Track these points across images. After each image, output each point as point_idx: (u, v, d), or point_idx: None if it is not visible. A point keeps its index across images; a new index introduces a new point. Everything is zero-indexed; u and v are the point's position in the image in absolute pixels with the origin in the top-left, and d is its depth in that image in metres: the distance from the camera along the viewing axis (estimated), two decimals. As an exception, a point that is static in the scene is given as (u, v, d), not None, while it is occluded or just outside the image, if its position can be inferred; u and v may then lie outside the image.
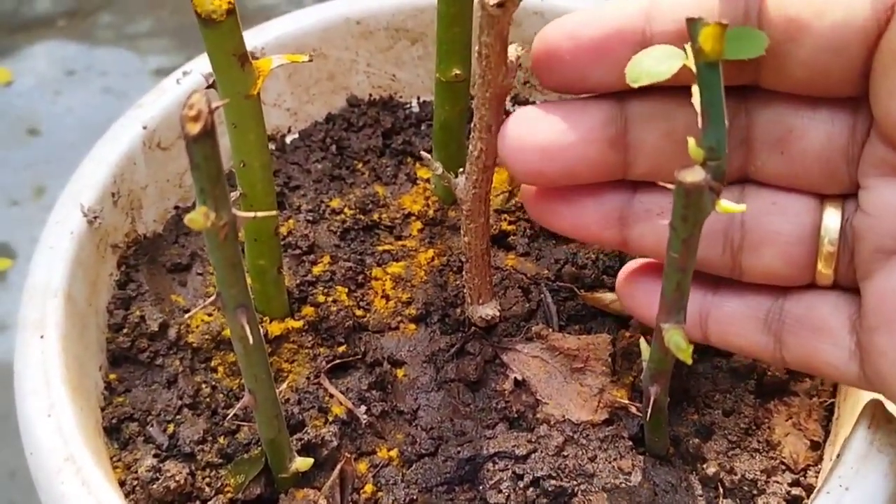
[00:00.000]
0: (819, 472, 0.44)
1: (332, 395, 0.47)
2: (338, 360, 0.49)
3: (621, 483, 0.43)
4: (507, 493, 0.43)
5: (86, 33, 1.09)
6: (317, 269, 0.52)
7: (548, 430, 0.45)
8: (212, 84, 0.40)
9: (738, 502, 0.43)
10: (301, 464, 0.42)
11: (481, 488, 0.44)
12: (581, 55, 0.38)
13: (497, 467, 0.44)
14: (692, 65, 0.32)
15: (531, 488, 0.43)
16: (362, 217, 0.55)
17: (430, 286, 0.52)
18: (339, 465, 0.43)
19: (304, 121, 0.62)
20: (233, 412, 0.41)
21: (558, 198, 0.41)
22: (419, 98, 0.63)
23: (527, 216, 0.55)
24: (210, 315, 0.50)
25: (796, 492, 0.43)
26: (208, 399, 0.48)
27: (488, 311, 0.48)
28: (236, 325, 0.35)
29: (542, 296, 0.51)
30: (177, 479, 0.43)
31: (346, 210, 0.55)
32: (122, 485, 0.44)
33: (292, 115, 0.62)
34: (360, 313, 0.50)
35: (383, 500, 0.43)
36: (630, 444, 0.45)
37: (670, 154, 0.39)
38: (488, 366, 0.48)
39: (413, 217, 0.55)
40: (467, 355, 0.48)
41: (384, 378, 0.48)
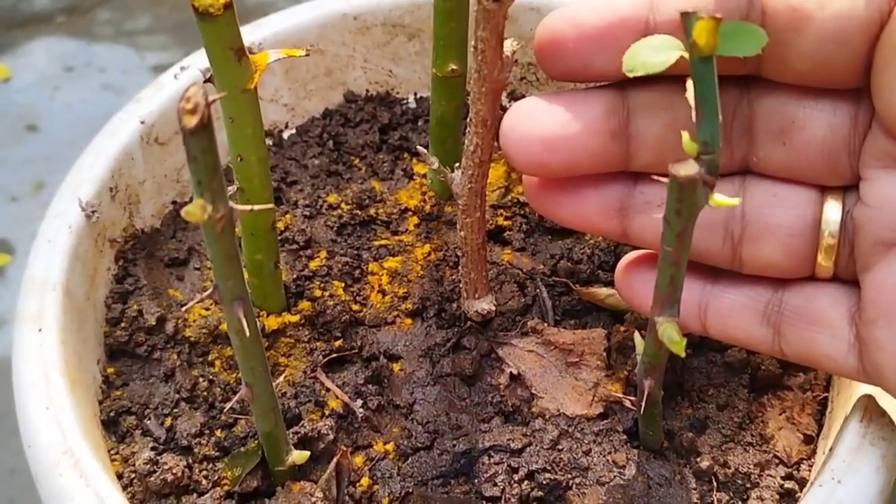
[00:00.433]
0: (812, 466, 0.44)
1: (328, 389, 0.47)
2: (334, 355, 0.49)
3: (615, 476, 0.44)
4: (502, 487, 0.43)
5: (84, 30, 1.09)
6: (314, 264, 0.52)
7: (543, 424, 0.45)
8: (209, 79, 0.40)
9: (731, 496, 0.43)
10: (297, 457, 0.43)
11: (476, 481, 0.44)
12: (584, 44, 0.38)
13: (492, 461, 0.44)
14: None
15: (526, 481, 0.43)
16: (359, 212, 0.55)
17: (426, 281, 0.52)
18: (335, 459, 0.44)
19: (301, 116, 0.62)
20: (230, 405, 0.42)
21: (560, 189, 0.41)
22: (416, 94, 0.64)
23: (523, 211, 0.55)
24: (207, 309, 0.50)
25: (789, 485, 0.43)
26: (205, 393, 0.48)
27: (484, 305, 0.48)
28: (233, 317, 0.35)
29: (537, 290, 0.51)
30: (174, 471, 0.43)
31: (342, 205, 0.55)
32: (120, 478, 0.45)
33: (290, 111, 0.62)
34: (356, 308, 0.51)
35: (379, 493, 0.44)
36: (624, 437, 0.45)
37: (672, 145, 0.39)
38: (484, 360, 0.48)
39: (409, 212, 0.55)
40: (463, 350, 0.49)
41: (380, 372, 0.48)
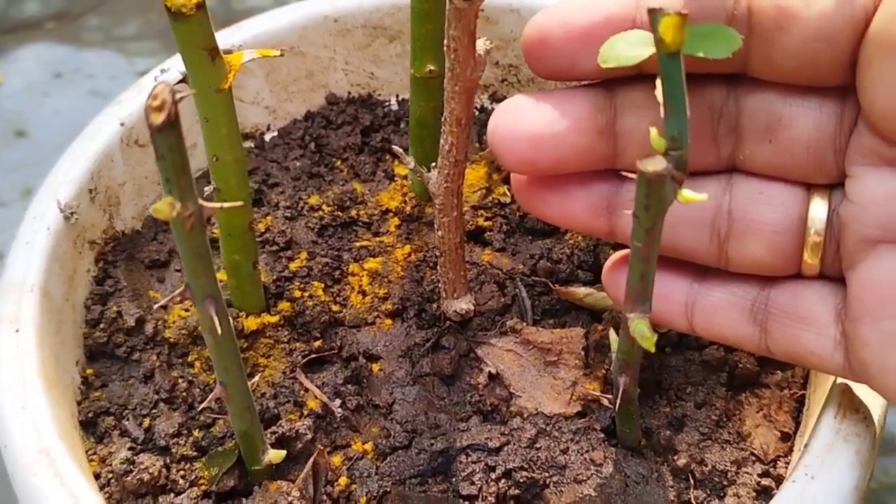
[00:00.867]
0: (789, 464, 0.44)
1: (307, 390, 0.47)
2: (313, 355, 0.49)
3: (593, 475, 0.44)
4: (479, 485, 0.43)
5: (73, 36, 1.10)
6: (294, 265, 0.52)
7: (521, 423, 0.45)
8: (185, 79, 0.40)
9: (708, 493, 0.43)
10: (274, 456, 0.43)
11: (454, 480, 0.44)
12: (572, 42, 0.38)
13: (470, 459, 0.44)
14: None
15: (503, 480, 0.43)
16: (340, 214, 0.55)
17: (406, 281, 0.52)
18: (312, 458, 0.44)
19: (283, 119, 0.62)
20: (204, 404, 0.42)
21: (547, 187, 0.41)
22: (398, 96, 0.64)
23: (503, 212, 0.55)
24: (187, 310, 0.51)
25: (766, 482, 0.43)
26: (185, 393, 0.48)
27: (462, 305, 0.48)
28: (205, 316, 0.35)
29: (517, 290, 0.51)
30: (150, 471, 0.43)
31: (324, 207, 0.55)
32: (98, 478, 0.45)
33: (271, 113, 0.62)
34: (336, 308, 0.51)
35: (357, 492, 0.44)
36: (602, 436, 0.45)
37: None
38: (463, 360, 0.48)
39: (391, 213, 0.56)
40: (442, 349, 0.49)
41: (360, 372, 0.48)
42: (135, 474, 0.43)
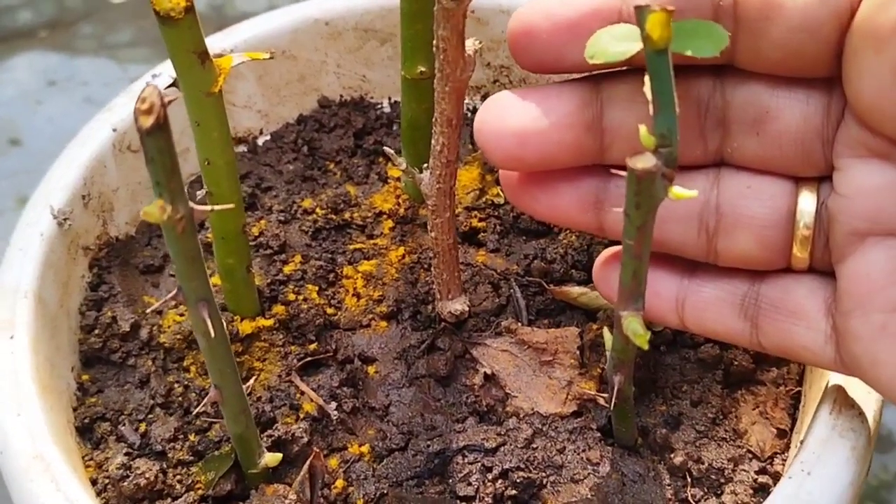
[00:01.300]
0: (786, 460, 0.44)
1: (303, 393, 0.47)
2: (309, 358, 0.49)
3: (590, 474, 0.44)
4: (476, 486, 0.43)
5: (67, 44, 1.10)
6: (288, 269, 0.52)
7: (517, 423, 0.45)
8: (175, 83, 0.40)
9: (705, 491, 0.43)
10: (270, 459, 0.43)
11: (451, 481, 0.44)
12: (558, 35, 0.38)
13: (466, 460, 0.44)
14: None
15: (500, 480, 0.43)
16: (334, 217, 0.55)
17: (401, 283, 0.52)
18: (308, 460, 0.44)
19: (275, 122, 0.62)
20: (200, 408, 0.42)
21: (535, 183, 0.41)
22: (390, 98, 0.64)
23: (497, 213, 0.55)
24: (182, 315, 0.50)
25: (763, 479, 0.43)
26: (180, 398, 0.48)
27: (457, 306, 0.48)
28: (198, 319, 0.35)
29: (511, 291, 0.51)
30: (146, 476, 0.43)
31: (317, 210, 0.55)
32: (94, 483, 0.45)
33: (263, 117, 0.62)
34: (331, 311, 0.51)
35: (354, 494, 0.44)
36: (598, 435, 0.45)
37: None
38: (458, 361, 0.48)
39: (384, 216, 0.56)
40: (437, 351, 0.49)
41: (355, 375, 0.48)
42: (131, 479, 0.43)
